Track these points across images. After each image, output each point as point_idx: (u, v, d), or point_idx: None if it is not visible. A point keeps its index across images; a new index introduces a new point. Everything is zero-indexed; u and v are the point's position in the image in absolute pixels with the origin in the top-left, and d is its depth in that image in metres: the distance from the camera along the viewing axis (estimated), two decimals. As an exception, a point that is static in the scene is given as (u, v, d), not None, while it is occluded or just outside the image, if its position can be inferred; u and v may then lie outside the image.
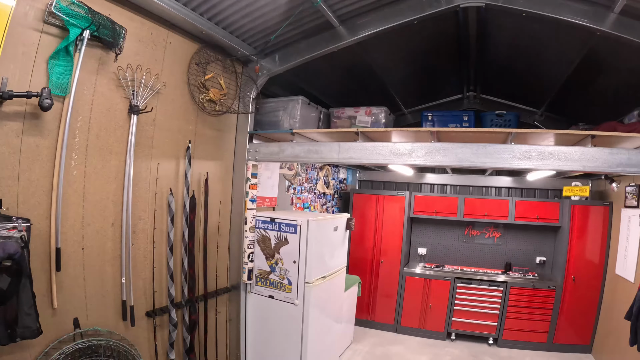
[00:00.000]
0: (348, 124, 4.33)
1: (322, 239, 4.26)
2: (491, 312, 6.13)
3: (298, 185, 5.56)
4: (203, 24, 3.15)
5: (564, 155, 3.07)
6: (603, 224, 5.86)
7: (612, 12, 2.97)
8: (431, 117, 4.83)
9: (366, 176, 7.87)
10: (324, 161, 3.73)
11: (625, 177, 5.36)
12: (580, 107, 5.40)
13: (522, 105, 6.26)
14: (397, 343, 6.10)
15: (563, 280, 5.95)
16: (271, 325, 4.12)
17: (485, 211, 6.60)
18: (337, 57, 4.14)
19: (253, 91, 3.91)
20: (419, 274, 6.43)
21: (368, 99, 4.90)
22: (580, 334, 5.91)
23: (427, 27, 3.95)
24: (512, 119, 4.70)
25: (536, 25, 3.54)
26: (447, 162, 3.28)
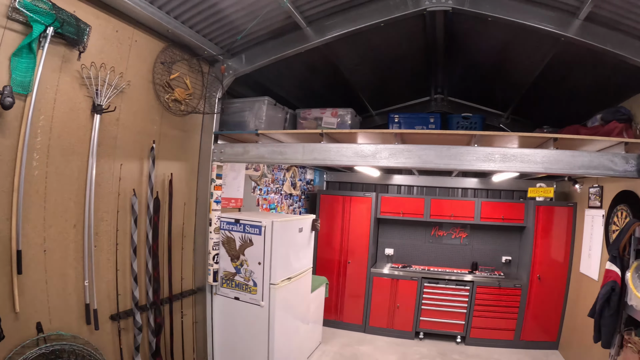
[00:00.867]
0: (314, 125, 4.42)
1: (287, 240, 4.35)
2: (458, 311, 6.37)
3: (264, 187, 5.63)
4: (169, 23, 3.19)
5: (527, 157, 3.25)
6: (567, 224, 6.19)
7: (577, 19, 3.18)
8: (398, 118, 4.96)
9: (333, 177, 8.02)
10: (288, 162, 3.82)
11: (589, 179, 5.67)
12: (545, 110, 5.68)
13: (489, 108, 6.54)
14: (365, 343, 6.25)
15: (528, 279, 6.25)
16: (238, 327, 4.18)
17: (452, 212, 6.84)
18: (305, 58, 4.25)
19: (219, 91, 3.96)
20: (386, 274, 6.61)
21: (335, 101, 5.03)
22: (547, 331, 6.23)
23: (395, 29, 4.09)
24: (478, 122, 4.88)
25: (503, 29, 3.73)
26: (410, 164, 3.41)
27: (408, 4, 3.50)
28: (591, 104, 4.20)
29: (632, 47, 3.18)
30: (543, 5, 3.26)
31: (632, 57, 3.19)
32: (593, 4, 2.92)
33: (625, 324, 3.02)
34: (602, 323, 3.14)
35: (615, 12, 2.99)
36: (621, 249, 3.06)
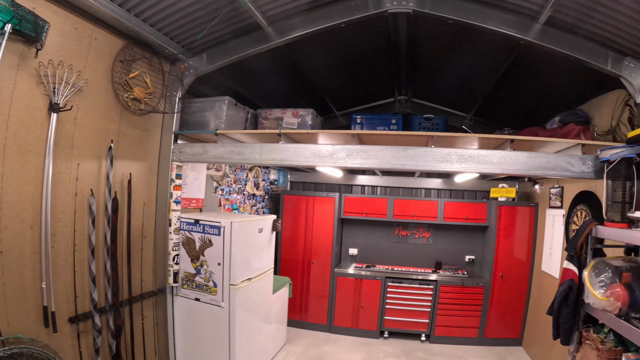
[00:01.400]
0: (275, 125, 4.50)
1: (247, 240, 4.42)
2: (423, 310, 6.58)
3: (226, 187, 5.68)
4: (130, 20, 3.22)
5: (483, 158, 3.42)
6: (529, 223, 6.51)
7: (537, 23, 3.37)
8: (360, 119, 5.09)
9: (297, 177, 8.12)
10: (246, 162, 3.88)
11: (549, 180, 5.97)
12: (507, 112, 5.94)
13: (452, 110, 6.79)
14: (330, 343, 6.39)
15: (491, 277, 6.54)
16: (199, 329, 4.23)
17: (415, 212, 7.06)
18: (268, 58, 4.34)
19: (179, 91, 4.01)
20: (350, 274, 6.77)
21: (300, 101, 5.13)
22: (511, 328, 6.53)
23: (358, 30, 4.22)
24: (440, 123, 5.04)
25: (465, 32, 3.90)
26: (367, 164, 3.54)
27: (369, 5, 3.61)
28: (552, 107, 4.38)
29: (591, 52, 3.39)
30: (504, 9, 3.43)
31: (590, 60, 3.40)
32: (553, 8, 3.11)
33: (583, 321, 3.12)
34: (560, 320, 3.22)
35: (575, 17, 3.18)
36: (578, 248, 3.16)
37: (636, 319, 2.47)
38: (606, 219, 2.98)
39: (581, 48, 3.40)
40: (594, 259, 2.99)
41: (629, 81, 3.35)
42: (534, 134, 4.22)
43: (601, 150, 3.14)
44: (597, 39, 3.35)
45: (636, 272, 2.68)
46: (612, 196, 2.94)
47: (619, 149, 2.93)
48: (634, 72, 3.33)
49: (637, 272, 2.69)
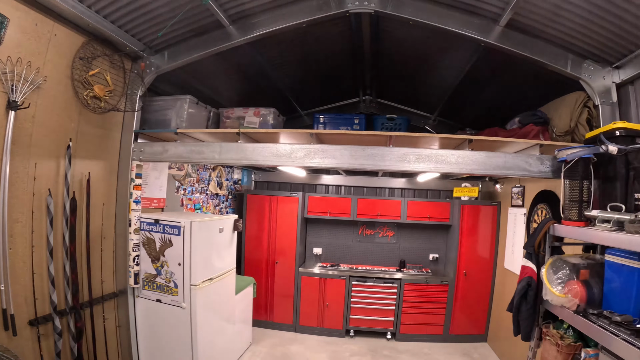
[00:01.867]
0: (237, 125, 4.54)
1: (207, 240, 4.46)
2: (387, 308, 6.77)
3: (189, 186, 5.69)
4: (91, 17, 3.22)
5: (441, 158, 3.54)
6: (492, 222, 6.78)
7: (498, 25, 3.51)
8: (323, 119, 5.17)
9: (262, 177, 8.18)
10: (206, 162, 3.92)
11: (511, 179, 6.24)
12: (470, 113, 6.15)
13: (416, 110, 7.00)
14: (296, 342, 6.48)
15: (455, 275, 6.78)
16: (161, 330, 4.25)
17: (378, 211, 7.24)
18: (232, 57, 4.39)
19: (140, 89, 4.01)
20: (314, 273, 6.89)
21: (264, 100, 5.18)
22: (476, 324, 6.79)
23: (322, 30, 4.30)
24: (403, 123, 5.16)
25: (427, 33, 4.02)
26: (325, 164, 3.62)
27: (331, 5, 3.69)
28: (515, 108, 4.52)
29: (551, 54, 3.55)
30: (465, 12, 3.56)
31: (550, 63, 3.56)
32: (513, 11, 3.25)
33: (543, 318, 3.22)
34: (520, 317, 3.29)
35: (535, 20, 3.34)
36: (536, 245, 3.24)
37: (593, 315, 2.53)
38: (564, 217, 3.07)
39: (541, 51, 3.56)
40: (552, 257, 3.08)
41: (588, 83, 3.52)
42: (494, 134, 4.34)
43: (559, 150, 3.26)
44: (558, 42, 3.51)
45: (594, 269, 2.79)
46: (570, 195, 3.03)
47: (576, 149, 3.04)
48: (593, 74, 3.51)
49: (594, 269, 2.78)
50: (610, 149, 2.71)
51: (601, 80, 3.50)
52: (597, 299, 2.69)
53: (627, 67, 3.34)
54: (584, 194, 2.94)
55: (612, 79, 3.48)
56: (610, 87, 3.49)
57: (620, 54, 3.31)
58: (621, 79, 3.42)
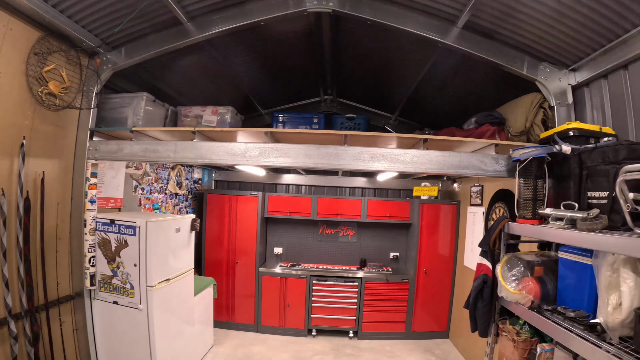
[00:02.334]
0: (195, 123, 4.53)
1: (163, 240, 4.44)
2: (349, 307, 6.88)
3: (147, 186, 5.64)
4: (48, 11, 3.18)
5: (396, 157, 3.61)
6: (452, 220, 7.00)
7: (456, 27, 3.63)
8: (282, 118, 5.20)
9: (222, 176, 8.16)
10: (161, 160, 3.89)
11: (470, 179, 6.46)
12: (429, 113, 6.33)
13: (377, 110, 7.16)
14: (258, 343, 6.51)
15: (415, 273, 6.95)
16: (119, 333, 4.21)
17: (338, 210, 7.34)
18: (191, 54, 4.40)
19: (97, 85, 3.96)
20: (275, 273, 6.94)
21: (224, 99, 5.19)
22: (437, 321, 7.00)
23: (282, 29, 4.36)
24: (362, 123, 5.24)
25: (387, 34, 4.11)
26: (280, 163, 3.66)
27: (289, 4, 3.75)
28: (473, 109, 4.59)
29: (508, 56, 3.70)
30: (424, 13, 3.67)
31: (506, 64, 3.70)
32: (471, 13, 3.37)
33: (499, 314, 3.32)
34: (477, 314, 3.35)
35: (492, 22, 3.47)
36: (491, 243, 3.32)
37: (548, 310, 2.61)
38: (518, 215, 3.14)
39: (498, 52, 3.70)
40: (507, 254, 3.17)
41: (544, 85, 3.69)
42: (450, 134, 4.45)
43: (513, 150, 3.30)
44: (514, 44, 3.65)
45: (548, 266, 2.90)
46: (524, 194, 3.09)
47: (530, 149, 3.10)
48: (549, 76, 3.67)
49: (548, 266, 2.90)
50: (563, 149, 2.81)
51: (557, 82, 3.67)
52: (552, 295, 2.78)
53: (583, 69, 3.50)
54: (538, 192, 3.02)
55: (568, 81, 3.64)
56: (566, 89, 3.66)
57: (576, 56, 3.47)
58: (577, 81, 3.58)
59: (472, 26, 3.60)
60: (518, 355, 2.95)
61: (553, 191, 3.03)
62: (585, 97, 3.57)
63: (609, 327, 2.07)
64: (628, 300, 2.01)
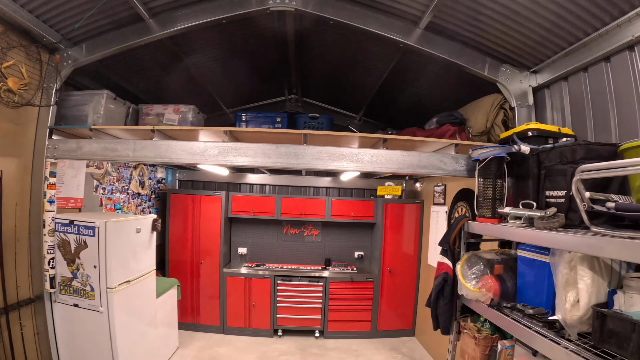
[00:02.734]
0: (156, 122, 4.49)
1: (123, 241, 4.37)
2: (314, 307, 6.94)
3: (108, 185, 5.54)
4: (8, 5, 3.10)
5: (355, 156, 3.64)
6: (416, 220, 7.15)
7: (418, 28, 3.70)
8: (245, 117, 5.20)
9: (186, 176, 8.08)
10: (120, 159, 3.83)
11: (433, 178, 6.60)
12: (393, 113, 6.42)
13: (342, 110, 7.23)
14: (224, 344, 6.49)
15: (380, 272, 7.07)
16: (81, 336, 4.13)
17: (302, 210, 7.41)
18: (154, 52, 4.36)
19: (57, 82, 3.88)
20: (239, 273, 6.94)
21: (188, 97, 5.13)
22: (403, 319, 7.14)
23: (246, 27, 4.36)
24: (325, 122, 5.29)
25: (351, 34, 4.16)
26: (239, 162, 3.65)
27: (252, 2, 3.74)
28: (436, 109, 4.64)
29: (469, 57, 3.79)
30: (387, 13, 3.72)
31: (468, 66, 3.80)
32: (433, 14, 3.44)
33: (461, 312, 3.36)
34: (438, 312, 3.37)
35: (454, 24, 3.55)
36: (451, 242, 3.35)
37: (507, 308, 2.63)
38: (478, 214, 3.17)
39: (460, 53, 3.79)
40: (467, 253, 3.23)
41: (505, 86, 3.81)
42: (412, 134, 4.51)
43: (473, 149, 3.31)
44: (476, 46, 3.75)
45: (507, 264, 2.95)
46: (484, 193, 3.12)
47: (489, 148, 3.12)
48: (510, 78, 3.80)
49: (508, 264, 2.95)
50: (522, 149, 2.89)
51: (518, 83, 3.80)
52: (511, 293, 2.83)
53: (544, 71, 3.63)
54: (498, 191, 3.06)
55: (529, 82, 3.78)
56: (527, 90, 3.79)
57: (537, 59, 3.60)
58: (538, 83, 3.72)
59: (435, 27, 3.68)
60: (479, 352, 2.99)
61: (513, 190, 3.09)
62: (545, 98, 3.70)
63: (567, 323, 2.11)
64: (585, 297, 2.06)
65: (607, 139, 2.90)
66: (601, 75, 2.99)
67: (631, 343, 1.70)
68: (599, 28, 2.88)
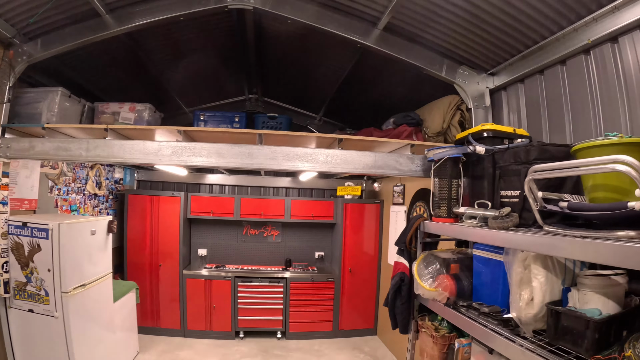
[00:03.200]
0: (111, 120, 4.40)
1: (78, 243, 4.28)
2: (275, 308, 6.95)
3: (64, 186, 5.39)
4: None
5: (310, 156, 3.64)
6: (376, 219, 7.26)
7: (377, 28, 3.74)
8: (203, 116, 5.16)
9: (144, 176, 7.94)
10: (73, 159, 3.74)
11: (392, 178, 6.70)
12: (353, 113, 6.49)
13: (302, 110, 7.23)
14: (185, 348, 6.42)
15: (340, 272, 7.14)
16: (37, 343, 4.03)
17: (262, 211, 7.42)
18: (112, 49, 4.29)
19: (11, 79, 3.76)
20: (199, 275, 6.88)
21: (146, 96, 5.05)
22: (365, 319, 7.23)
23: (204, 25, 4.33)
24: (284, 122, 5.29)
25: (310, 33, 4.15)
26: (193, 162, 3.61)
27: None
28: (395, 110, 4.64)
29: (427, 59, 3.85)
30: (345, 13, 3.75)
31: (425, 67, 3.86)
32: (391, 15, 3.48)
33: (418, 311, 3.39)
34: (396, 311, 3.38)
35: (412, 25, 3.60)
36: (407, 242, 3.38)
37: (463, 306, 2.64)
38: (434, 214, 3.18)
39: (418, 55, 3.84)
40: (424, 252, 3.23)
41: (462, 88, 3.89)
42: (369, 134, 4.56)
43: (428, 150, 3.34)
44: (435, 48, 3.81)
45: (464, 263, 2.97)
46: (440, 193, 3.14)
47: (444, 149, 3.14)
48: (467, 79, 3.88)
49: (464, 263, 2.97)
50: (477, 149, 2.89)
51: (475, 85, 3.89)
52: (468, 292, 2.84)
53: (502, 73, 3.73)
54: (453, 191, 3.08)
55: (486, 84, 3.88)
56: (484, 92, 3.89)
57: (495, 61, 3.70)
58: (495, 84, 3.82)
59: (394, 28, 3.72)
60: (437, 351, 3.03)
61: (469, 190, 3.10)
62: (502, 100, 3.81)
63: (521, 321, 2.13)
64: (540, 296, 2.09)
65: (562, 140, 3.00)
66: (557, 77, 3.10)
67: (585, 340, 1.75)
68: (556, 32, 2.97)
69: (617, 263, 1.49)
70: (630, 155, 1.51)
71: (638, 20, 2.33)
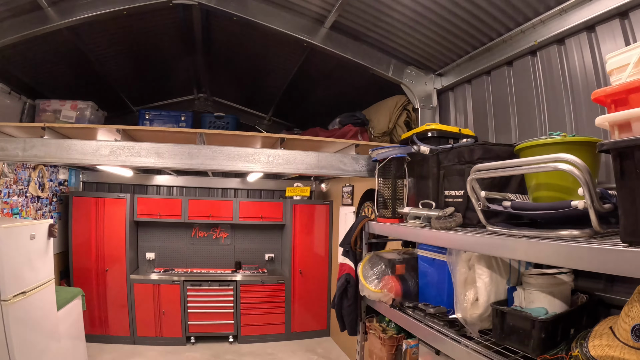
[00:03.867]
0: (53, 119, 4.29)
1: (16, 248, 4.11)
2: (226, 311, 6.92)
3: (4, 188, 5.16)
4: None
5: (251, 157, 3.54)
6: (325, 220, 7.34)
7: (323, 27, 3.73)
8: (149, 115, 5.09)
9: (90, 177, 7.67)
10: (8, 159, 3.60)
11: (341, 179, 6.78)
12: (301, 113, 6.52)
13: (251, 110, 7.20)
14: (135, 355, 6.28)
15: (291, 273, 7.18)
16: (-22, 354, 3.85)
17: (210, 212, 7.37)
18: (55, 44, 4.13)
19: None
20: (147, 280, 6.76)
21: (91, 93, 4.91)
22: (317, 320, 7.28)
23: (150, 21, 4.25)
24: (231, 122, 5.28)
25: (256, 31, 4.16)
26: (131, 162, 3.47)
27: (154, -6, 3.69)
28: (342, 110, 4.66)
29: (374, 58, 3.86)
30: (292, 11, 3.70)
31: (372, 67, 3.87)
32: (337, 13, 3.46)
33: (366, 312, 3.31)
34: (343, 313, 3.34)
35: (359, 24, 3.60)
36: (352, 243, 3.35)
37: (409, 307, 2.62)
38: (378, 215, 3.16)
39: (365, 54, 3.84)
40: (369, 253, 3.20)
41: (409, 88, 3.93)
42: (315, 134, 4.55)
43: (373, 150, 3.30)
44: (382, 47, 3.83)
45: (409, 264, 2.97)
46: (384, 193, 3.11)
47: (388, 149, 3.11)
48: (415, 80, 3.92)
49: (410, 263, 2.97)
50: (422, 149, 2.87)
51: (423, 85, 3.96)
52: (414, 292, 2.86)
53: (449, 74, 3.80)
54: (398, 191, 3.06)
55: (433, 85, 3.95)
56: (431, 92, 3.96)
57: (443, 62, 3.78)
58: (442, 85, 3.90)
59: (340, 27, 3.72)
60: (386, 352, 3.04)
61: (414, 190, 3.04)
62: (450, 100, 3.89)
63: (467, 322, 2.12)
64: (484, 296, 2.09)
65: (508, 140, 3.09)
66: (503, 78, 3.20)
67: (532, 339, 1.76)
68: (503, 33, 3.05)
69: (560, 263, 1.53)
70: (573, 154, 1.52)
71: (584, 23, 2.42)
